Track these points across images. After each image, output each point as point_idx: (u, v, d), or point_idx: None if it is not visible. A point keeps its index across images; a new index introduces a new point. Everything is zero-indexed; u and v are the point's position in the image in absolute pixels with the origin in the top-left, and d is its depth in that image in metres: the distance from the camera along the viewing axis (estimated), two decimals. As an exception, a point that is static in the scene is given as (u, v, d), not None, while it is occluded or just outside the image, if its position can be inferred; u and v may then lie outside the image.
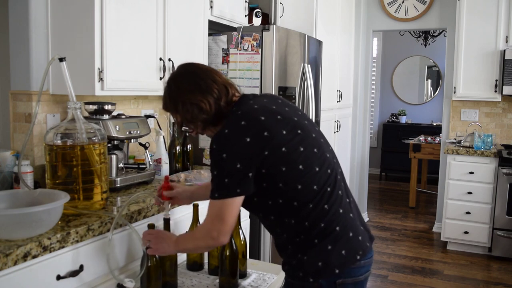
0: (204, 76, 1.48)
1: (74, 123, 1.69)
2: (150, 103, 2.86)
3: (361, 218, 1.54)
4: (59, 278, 1.48)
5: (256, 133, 1.35)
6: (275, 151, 1.35)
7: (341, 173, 1.53)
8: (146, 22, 2.29)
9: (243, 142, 1.34)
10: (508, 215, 3.97)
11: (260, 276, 1.88)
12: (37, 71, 2.12)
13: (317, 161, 1.41)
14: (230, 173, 1.34)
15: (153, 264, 1.65)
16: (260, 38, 2.79)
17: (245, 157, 1.34)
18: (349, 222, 1.44)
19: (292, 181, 1.38)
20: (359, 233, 1.46)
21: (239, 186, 1.35)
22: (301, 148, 1.39)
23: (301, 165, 1.38)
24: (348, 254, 1.41)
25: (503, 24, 4.14)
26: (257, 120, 1.37)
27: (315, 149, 1.43)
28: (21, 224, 1.37)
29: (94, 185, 1.72)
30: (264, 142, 1.35)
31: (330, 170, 1.45)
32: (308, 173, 1.38)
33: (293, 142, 1.39)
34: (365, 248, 1.46)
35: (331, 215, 1.40)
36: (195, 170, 2.58)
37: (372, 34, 5.13)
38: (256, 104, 1.44)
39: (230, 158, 1.34)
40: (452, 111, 4.74)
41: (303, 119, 1.49)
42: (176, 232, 2.08)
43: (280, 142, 1.36)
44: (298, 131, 1.42)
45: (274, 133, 1.36)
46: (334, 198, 1.42)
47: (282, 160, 1.36)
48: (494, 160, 4.03)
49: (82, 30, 2.03)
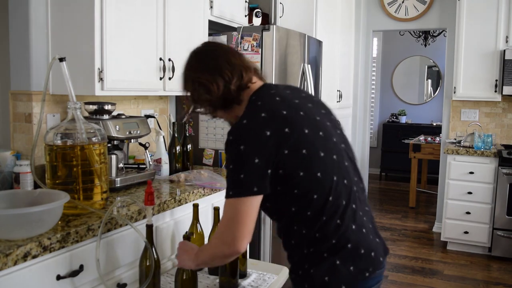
0: (218, 56, 1.38)
1: (74, 123, 1.69)
2: (150, 103, 2.86)
3: (375, 229, 1.45)
4: (59, 278, 1.48)
5: (277, 128, 1.25)
6: (296, 151, 1.26)
7: (358, 182, 1.41)
8: (146, 22, 2.29)
9: (263, 135, 1.23)
10: (508, 215, 3.97)
11: (260, 276, 1.88)
12: (37, 71, 2.12)
13: (335, 170, 1.32)
14: (247, 168, 1.22)
15: (187, 276, 1.58)
16: (260, 38, 2.79)
17: (264, 152, 1.22)
18: (362, 238, 1.35)
19: (308, 189, 1.28)
20: (372, 248, 1.37)
21: (256, 184, 1.23)
22: (321, 153, 1.29)
23: (319, 172, 1.28)
24: (356, 271, 1.32)
25: (503, 24, 4.14)
26: (279, 114, 1.28)
27: (335, 156, 1.32)
28: (21, 224, 1.37)
29: (94, 185, 1.72)
30: (285, 139, 1.24)
31: (347, 181, 1.34)
32: (325, 183, 1.29)
33: (314, 145, 1.29)
34: (377, 264, 1.37)
35: (343, 231, 1.31)
36: (195, 170, 2.58)
37: (372, 34, 5.13)
38: (278, 95, 1.34)
39: (248, 151, 1.22)
40: (452, 111, 4.74)
41: (326, 119, 1.40)
42: (176, 232, 2.08)
43: (301, 142, 1.27)
44: (320, 133, 1.32)
45: (296, 131, 1.27)
46: (349, 212, 1.33)
47: (301, 163, 1.26)
48: (494, 160, 4.03)
49: (82, 30, 2.03)
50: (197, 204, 1.93)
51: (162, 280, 1.79)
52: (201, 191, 2.25)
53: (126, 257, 1.77)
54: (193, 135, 3.04)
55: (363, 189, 1.45)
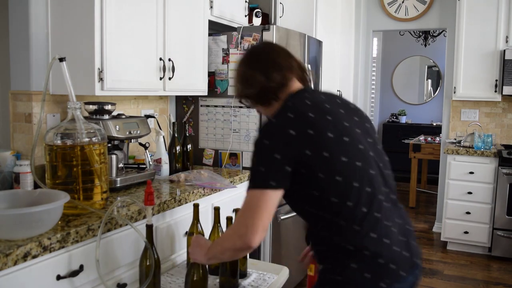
0: (264, 54, 1.48)
1: (74, 123, 1.69)
2: (150, 103, 2.86)
3: (408, 244, 1.39)
4: (59, 278, 1.48)
5: (301, 128, 1.30)
6: (317, 153, 1.29)
7: (388, 193, 1.40)
8: (146, 22, 2.29)
9: (287, 133, 1.29)
10: (508, 215, 3.97)
11: (260, 276, 1.88)
12: (37, 71, 2.12)
13: (357, 176, 1.32)
14: (268, 163, 1.28)
15: (198, 277, 1.57)
16: (260, 38, 2.79)
17: (286, 150, 1.28)
18: (382, 248, 1.31)
19: (327, 192, 1.30)
20: (393, 260, 1.32)
21: (275, 179, 1.28)
22: (343, 158, 1.31)
23: (339, 176, 1.29)
24: (372, 280, 1.30)
25: (503, 24, 4.14)
26: (305, 115, 1.33)
27: (358, 162, 1.33)
28: (21, 224, 1.37)
29: (94, 185, 1.72)
30: (308, 140, 1.29)
31: (371, 189, 1.33)
32: (345, 187, 1.30)
33: (336, 149, 1.31)
34: (396, 277, 1.32)
35: (360, 238, 1.31)
36: (195, 170, 2.58)
37: (372, 34, 5.13)
38: (310, 99, 1.39)
39: (270, 147, 1.29)
40: (452, 111, 4.74)
41: (356, 126, 1.41)
42: (176, 232, 2.08)
43: (324, 145, 1.30)
44: (345, 139, 1.34)
45: (320, 133, 1.31)
46: (369, 220, 1.31)
47: (322, 166, 1.29)
48: (494, 160, 4.03)
49: (82, 30, 2.03)
50: (197, 204, 1.93)
51: (162, 280, 1.79)
52: (201, 191, 2.25)
53: (126, 257, 1.77)
54: (193, 135, 3.04)
55: (394, 200, 1.42)
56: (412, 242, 1.41)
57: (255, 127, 2.85)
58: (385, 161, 1.46)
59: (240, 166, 2.90)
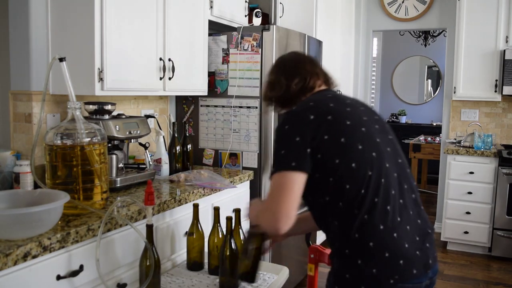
0: (289, 61, 1.58)
1: (74, 123, 1.69)
2: (150, 103, 2.86)
3: (423, 243, 1.37)
4: (59, 278, 1.48)
5: (321, 114, 1.36)
6: (335, 138, 1.33)
7: (406, 190, 1.40)
8: (146, 22, 2.29)
9: (307, 118, 1.36)
10: (508, 215, 3.97)
11: (260, 276, 1.87)
12: (37, 71, 2.12)
13: (372, 166, 1.34)
14: (288, 145, 1.34)
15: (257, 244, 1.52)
16: (260, 38, 2.79)
17: (305, 133, 1.34)
18: (389, 241, 1.31)
19: (342, 178, 1.33)
20: (402, 256, 1.31)
21: (295, 159, 1.31)
22: (359, 145, 1.35)
23: (354, 163, 1.32)
24: (379, 275, 1.29)
25: (503, 24, 4.14)
26: (324, 104, 1.40)
27: (374, 153, 1.36)
28: (21, 224, 1.37)
29: (94, 185, 1.72)
30: (326, 124, 1.34)
31: (384, 181, 1.35)
32: (359, 174, 1.32)
33: (353, 136, 1.35)
34: (405, 274, 1.30)
35: (367, 228, 1.31)
36: (195, 170, 2.58)
37: (372, 34, 5.13)
38: (331, 94, 1.49)
39: (291, 130, 1.35)
40: (452, 111, 4.74)
41: (374, 122, 1.44)
42: (176, 232, 2.08)
43: (341, 131, 1.35)
44: (363, 129, 1.38)
45: (338, 119, 1.36)
46: (379, 211, 1.32)
47: (338, 151, 1.33)
48: (494, 160, 4.02)
49: (82, 30, 2.03)
50: (197, 204, 1.93)
51: (162, 280, 1.79)
52: (201, 191, 2.25)
53: (126, 257, 1.78)
54: (193, 135, 3.04)
55: (413, 199, 1.42)
56: (427, 245, 1.39)
57: (255, 127, 2.85)
58: (405, 160, 1.48)
59: (240, 166, 2.90)
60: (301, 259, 3.29)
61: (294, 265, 3.18)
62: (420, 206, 1.44)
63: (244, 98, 2.86)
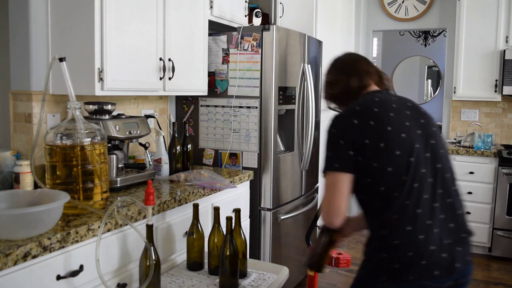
0: (345, 61, 1.70)
1: (74, 123, 1.69)
2: (150, 103, 2.86)
3: (452, 247, 1.42)
4: (59, 278, 1.48)
5: (364, 119, 1.45)
6: (375, 143, 1.42)
7: (441, 194, 1.45)
8: (146, 22, 2.29)
9: (351, 122, 1.46)
10: (508, 215, 3.97)
11: (260, 276, 1.88)
12: (37, 71, 2.12)
13: (408, 171, 1.41)
14: (333, 147, 1.46)
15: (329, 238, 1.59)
16: (260, 38, 2.79)
17: (349, 136, 1.44)
18: (414, 242, 1.39)
19: (378, 180, 1.42)
20: (425, 257, 1.38)
21: (338, 161, 1.44)
22: (397, 151, 1.42)
23: (390, 167, 1.41)
24: (400, 270, 1.38)
25: (503, 24, 4.14)
26: (369, 109, 1.48)
27: (412, 158, 1.43)
28: (21, 224, 1.37)
29: (94, 185, 1.72)
30: (368, 130, 1.43)
31: (418, 186, 1.41)
32: (394, 178, 1.41)
33: (393, 142, 1.43)
34: (426, 273, 1.37)
35: (396, 227, 1.40)
36: (195, 170, 2.58)
37: (372, 34, 5.13)
38: (379, 98, 1.54)
39: (336, 134, 1.47)
40: (452, 111, 4.74)
41: (417, 127, 1.49)
42: (176, 232, 2.09)
43: (381, 136, 1.43)
44: (402, 135, 1.45)
45: (380, 125, 1.44)
46: (409, 213, 1.40)
47: (376, 155, 1.42)
48: (494, 160, 4.02)
49: (82, 30, 2.03)
50: (197, 204, 1.93)
51: (162, 280, 1.79)
52: (201, 191, 2.25)
53: (126, 257, 1.78)
54: (193, 135, 3.04)
55: (449, 204, 1.46)
56: (458, 248, 1.43)
57: (255, 127, 2.85)
58: (447, 165, 1.52)
59: (240, 166, 2.90)
60: (301, 259, 3.29)
61: (294, 265, 3.18)
62: (456, 211, 1.48)
63: (244, 98, 2.86)
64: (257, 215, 2.88)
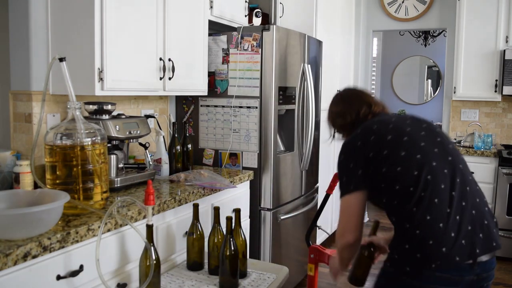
0: (352, 95, 1.83)
1: (74, 123, 1.69)
2: (150, 103, 2.86)
3: (473, 232, 1.48)
4: (59, 278, 1.48)
5: (366, 137, 1.58)
6: (379, 153, 1.53)
7: (454, 184, 1.51)
8: (146, 22, 2.29)
9: (355, 145, 1.58)
10: (508, 215, 3.97)
11: (260, 276, 1.88)
12: (37, 71, 2.12)
13: (418, 166, 1.50)
14: (346, 172, 1.58)
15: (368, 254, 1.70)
16: (260, 38, 2.79)
17: (356, 158, 1.56)
18: (433, 230, 1.44)
19: (391, 181, 1.51)
20: (445, 244, 1.43)
21: (352, 183, 1.56)
22: (402, 152, 1.52)
23: (399, 167, 1.50)
24: (422, 259, 1.44)
25: (503, 24, 4.14)
26: (369, 128, 1.61)
27: (419, 155, 1.52)
28: (21, 224, 1.37)
29: (94, 185, 1.72)
30: (370, 144, 1.55)
31: (432, 177, 1.49)
32: (406, 175, 1.49)
33: (395, 146, 1.53)
34: (447, 262, 1.43)
35: (416, 218, 1.46)
36: (195, 170, 2.58)
37: (372, 34, 5.13)
38: (379, 118, 1.67)
39: (346, 159, 1.59)
40: (452, 111, 4.74)
41: (421, 131, 1.59)
42: (176, 232, 2.09)
43: (383, 145, 1.54)
44: (404, 138, 1.55)
45: (380, 137, 1.56)
46: (427, 204, 1.46)
47: (383, 161, 1.52)
48: (494, 160, 4.02)
49: (82, 30, 2.03)
50: (197, 204, 1.93)
51: (162, 280, 1.79)
52: (201, 191, 2.25)
53: (126, 257, 1.78)
54: (193, 135, 3.04)
55: (468, 191, 1.53)
56: (479, 235, 1.50)
57: (255, 127, 2.85)
58: (458, 158, 1.60)
59: (240, 166, 2.90)
60: (301, 259, 3.29)
61: (294, 265, 3.18)
62: (476, 199, 1.55)
63: (244, 98, 2.86)
64: (257, 215, 2.88)
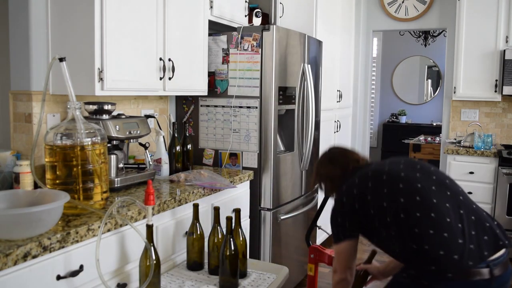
0: (337, 154, 1.96)
1: (74, 123, 1.69)
2: (150, 103, 2.86)
3: (478, 237, 1.53)
4: (59, 278, 1.48)
5: (349, 190, 1.73)
6: (363, 201, 1.67)
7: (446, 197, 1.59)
8: (146, 22, 2.29)
9: (342, 202, 1.75)
10: (508, 215, 3.97)
11: (260, 276, 1.88)
12: (37, 71, 2.12)
13: (401, 194, 1.60)
14: (336, 226, 1.77)
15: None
16: (260, 38, 2.79)
17: (342, 213, 1.74)
18: (441, 241, 1.50)
19: (380, 216, 1.63)
20: (456, 252, 1.48)
21: (342, 234, 1.76)
22: (385, 189, 1.64)
23: (385, 202, 1.62)
24: (437, 271, 1.50)
25: (503, 24, 4.14)
26: (352, 181, 1.75)
27: (401, 184, 1.63)
28: (21, 224, 1.37)
29: (94, 185, 1.72)
30: (353, 198, 1.70)
31: (420, 197, 1.58)
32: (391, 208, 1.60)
33: (376, 185, 1.66)
34: (461, 268, 1.48)
35: (420, 236, 1.52)
36: (195, 170, 2.58)
37: (372, 34, 5.13)
38: (358, 171, 1.79)
39: (335, 215, 1.77)
40: (452, 111, 4.74)
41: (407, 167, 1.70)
42: (176, 232, 2.09)
43: (363, 190, 1.68)
44: (384, 177, 1.67)
45: (361, 189, 1.69)
46: (424, 221, 1.53)
47: (366, 204, 1.66)
48: (494, 160, 4.02)
49: (82, 30, 2.03)
50: (197, 204, 1.93)
51: (162, 280, 1.79)
52: (201, 191, 2.25)
53: (126, 257, 1.78)
54: (193, 135, 3.04)
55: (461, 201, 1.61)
56: (484, 237, 1.54)
57: (255, 127, 2.85)
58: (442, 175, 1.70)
59: (240, 166, 2.90)
60: (301, 259, 3.29)
61: (294, 265, 3.18)
62: (472, 205, 1.63)
63: (244, 98, 2.86)
64: (257, 215, 2.88)
